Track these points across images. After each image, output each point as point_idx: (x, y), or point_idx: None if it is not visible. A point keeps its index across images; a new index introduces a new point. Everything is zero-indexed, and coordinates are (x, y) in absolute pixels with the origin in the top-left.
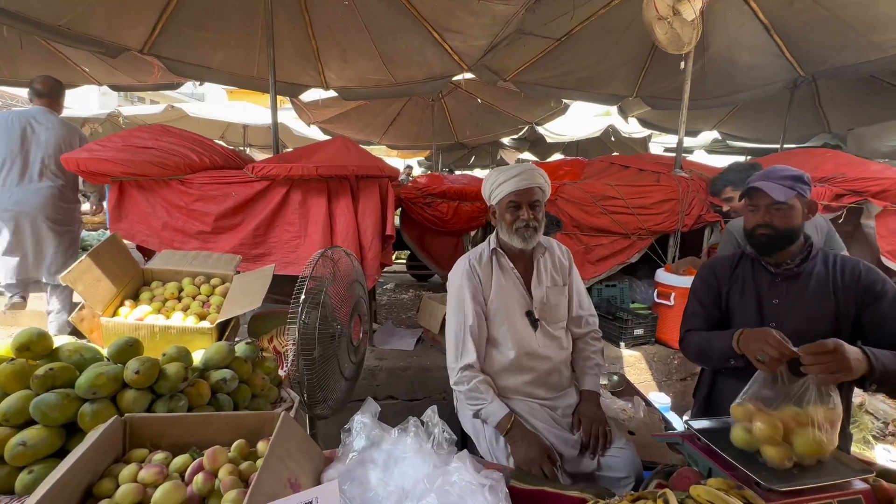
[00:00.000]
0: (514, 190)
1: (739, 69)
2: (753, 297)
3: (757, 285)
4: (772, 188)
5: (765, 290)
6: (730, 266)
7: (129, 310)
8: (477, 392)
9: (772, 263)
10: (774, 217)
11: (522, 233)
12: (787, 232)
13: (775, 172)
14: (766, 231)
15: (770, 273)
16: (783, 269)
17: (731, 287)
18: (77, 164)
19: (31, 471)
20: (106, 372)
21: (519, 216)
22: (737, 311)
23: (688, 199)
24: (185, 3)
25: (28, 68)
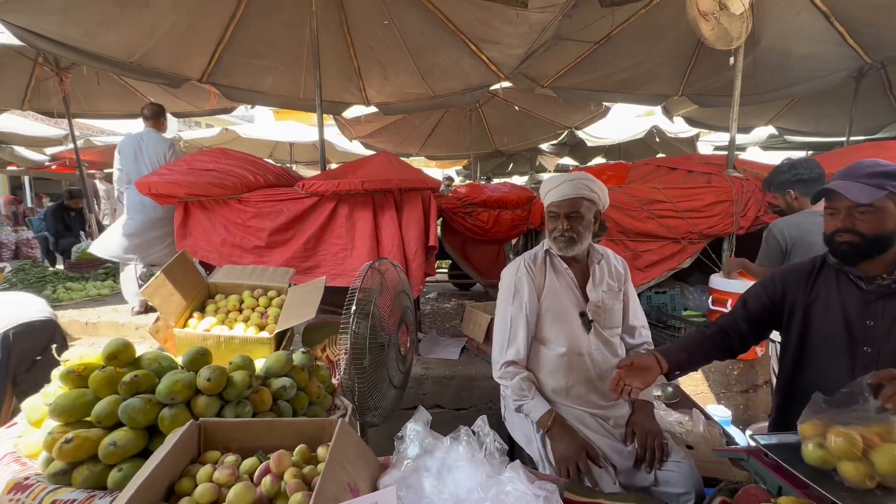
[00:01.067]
0: (553, 200)
1: (795, 60)
2: (841, 316)
3: (844, 303)
4: (850, 189)
5: (854, 308)
6: (806, 275)
7: (197, 321)
8: (520, 389)
9: (862, 278)
10: (858, 221)
11: (559, 242)
12: (875, 238)
13: (859, 169)
14: (849, 238)
15: (861, 290)
16: (877, 284)
17: (811, 300)
18: (149, 187)
19: (121, 469)
20: (182, 379)
21: (556, 226)
22: (817, 330)
23: (742, 199)
24: (238, 34)
25: (103, 102)
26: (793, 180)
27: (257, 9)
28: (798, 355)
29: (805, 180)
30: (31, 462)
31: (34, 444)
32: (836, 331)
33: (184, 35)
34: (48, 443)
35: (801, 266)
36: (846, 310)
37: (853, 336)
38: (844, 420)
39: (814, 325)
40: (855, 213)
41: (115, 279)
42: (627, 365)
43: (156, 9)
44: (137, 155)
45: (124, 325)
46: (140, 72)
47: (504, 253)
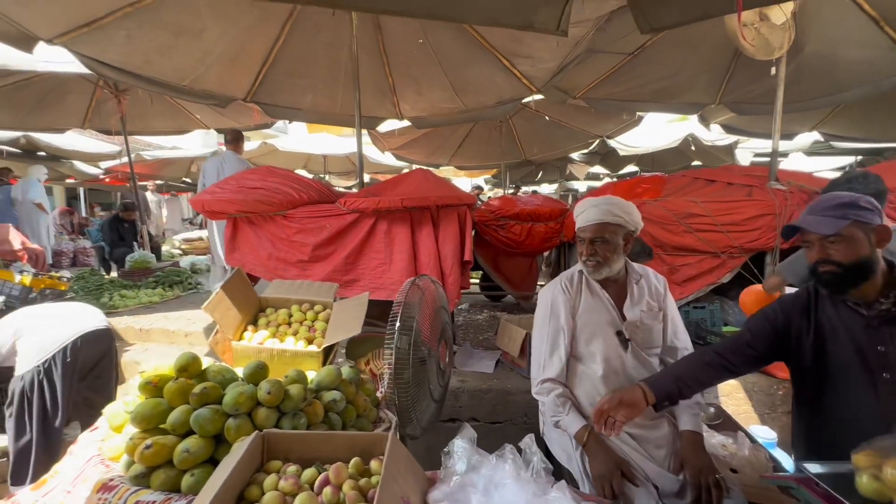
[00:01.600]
0: (580, 225)
1: (842, 66)
2: (850, 343)
3: (850, 330)
4: (815, 223)
5: (862, 335)
6: (804, 304)
7: (251, 334)
8: (555, 405)
9: (860, 304)
10: (832, 251)
11: (587, 266)
12: (853, 266)
13: (822, 202)
14: (829, 268)
15: (862, 316)
16: (878, 309)
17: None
18: (202, 204)
19: (193, 474)
20: (245, 391)
21: (583, 251)
22: (832, 360)
23: (786, 213)
24: (281, 55)
25: (155, 120)
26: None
27: (300, 32)
28: (817, 386)
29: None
30: (114, 464)
31: (116, 448)
32: (849, 359)
33: (232, 59)
34: (130, 448)
35: (798, 296)
36: (854, 337)
37: (868, 363)
38: None
39: (827, 356)
40: (826, 244)
41: (164, 287)
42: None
43: (208, 37)
44: (220, 173)
45: (175, 332)
46: (192, 93)
47: (537, 265)
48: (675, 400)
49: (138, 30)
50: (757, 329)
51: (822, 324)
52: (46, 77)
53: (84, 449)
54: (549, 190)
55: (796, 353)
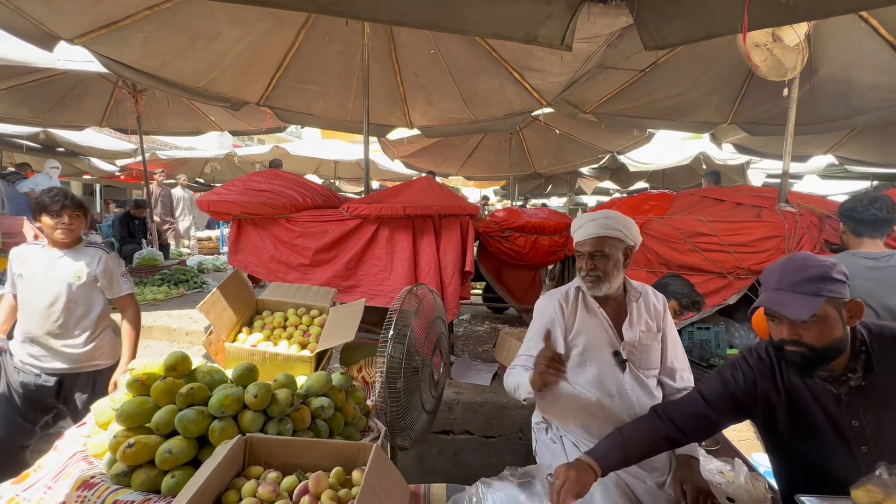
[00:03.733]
0: (578, 240)
1: (858, 90)
2: (824, 418)
3: (821, 403)
4: (787, 305)
5: (834, 410)
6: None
7: (245, 336)
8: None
9: (829, 379)
10: (804, 333)
11: (587, 280)
12: (825, 349)
13: (791, 275)
14: (798, 349)
15: (833, 393)
16: (847, 386)
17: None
18: (208, 205)
19: (174, 475)
20: (231, 394)
21: (582, 265)
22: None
23: (795, 236)
24: (295, 62)
25: (170, 120)
26: (847, 214)
27: (314, 39)
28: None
29: (856, 219)
30: (97, 461)
31: (100, 445)
32: (825, 432)
33: (246, 63)
34: (113, 445)
35: (760, 358)
36: (827, 411)
37: (845, 438)
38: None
39: (801, 425)
40: (798, 325)
41: (169, 285)
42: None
43: (224, 41)
44: None
45: (175, 330)
46: (206, 96)
47: (540, 278)
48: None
49: (156, 32)
50: (714, 396)
51: (791, 391)
52: (68, 75)
53: (69, 444)
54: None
55: (765, 415)
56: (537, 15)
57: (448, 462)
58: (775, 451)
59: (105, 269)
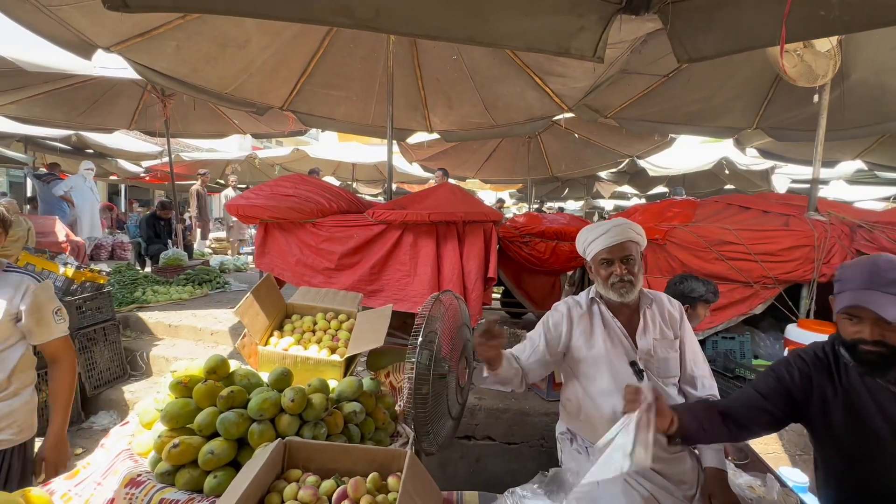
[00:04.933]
0: (605, 247)
1: (890, 95)
2: (882, 417)
3: (879, 403)
4: (879, 303)
5: (893, 410)
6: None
7: (277, 340)
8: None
9: (891, 381)
10: (887, 334)
11: (618, 288)
12: None
13: (883, 275)
14: (877, 349)
15: (891, 392)
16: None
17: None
18: (237, 209)
19: (216, 476)
20: (269, 398)
21: (612, 272)
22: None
23: (825, 245)
24: (319, 67)
25: (196, 124)
26: None
27: (338, 45)
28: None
29: None
30: (142, 460)
31: (145, 444)
32: (880, 434)
33: (273, 70)
34: (158, 445)
35: (817, 356)
36: (885, 411)
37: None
38: None
39: (855, 426)
40: (883, 325)
41: (193, 285)
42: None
43: (252, 49)
44: None
45: (201, 329)
46: (233, 101)
47: (560, 284)
48: (690, 442)
49: (188, 40)
50: (769, 391)
51: (849, 390)
52: (101, 80)
53: (115, 442)
54: (575, 207)
55: (821, 418)
56: (569, 28)
57: (469, 467)
58: (825, 457)
59: (32, 305)
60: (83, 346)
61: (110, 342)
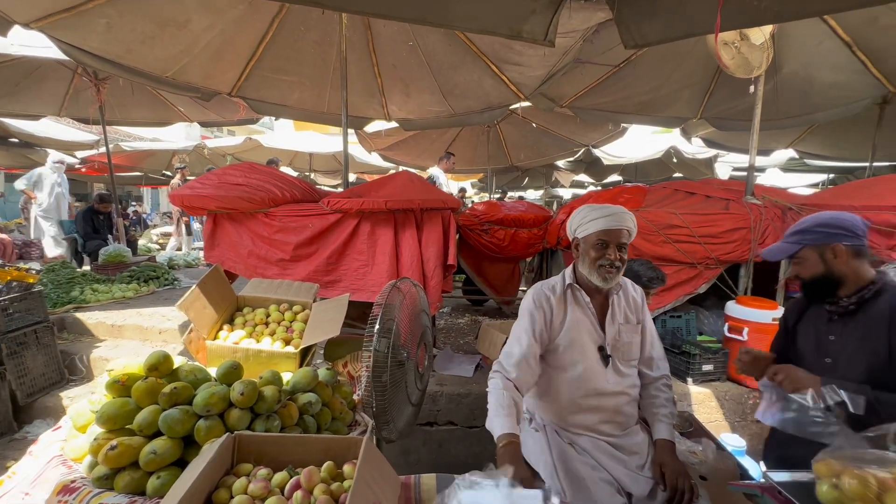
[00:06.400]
0: (605, 228)
1: (818, 88)
2: (814, 334)
3: (817, 323)
4: (773, 250)
5: (823, 327)
6: (801, 304)
7: (227, 333)
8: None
9: (829, 303)
10: (798, 270)
11: (605, 272)
12: (813, 281)
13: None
14: (796, 280)
15: (827, 311)
16: (838, 305)
17: (798, 324)
18: (181, 199)
19: (160, 476)
20: (217, 392)
21: (605, 254)
22: (801, 347)
23: (761, 227)
24: (269, 51)
25: (135, 111)
26: None
27: (288, 28)
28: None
29: None
30: (77, 465)
31: (79, 449)
32: (810, 347)
33: (217, 52)
34: (94, 448)
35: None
36: (816, 328)
37: (819, 349)
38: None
39: (798, 341)
40: (794, 263)
41: (138, 282)
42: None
43: (193, 29)
44: None
45: (147, 328)
46: (174, 85)
47: (519, 271)
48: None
49: (120, 18)
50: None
51: (806, 319)
52: (21, 61)
53: (45, 449)
54: (535, 196)
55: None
56: (521, 11)
57: (432, 453)
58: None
59: None
60: (12, 351)
61: (44, 346)
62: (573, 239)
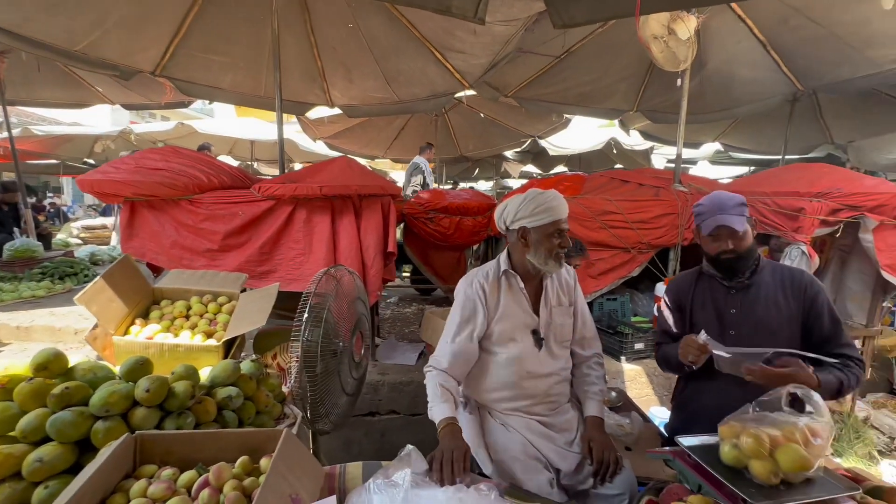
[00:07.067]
0: (561, 217)
1: (738, 84)
2: (713, 309)
3: (715, 299)
4: (733, 220)
5: (722, 302)
6: (689, 284)
7: (139, 328)
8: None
9: (726, 278)
10: (736, 244)
11: (560, 258)
12: (747, 254)
13: (727, 202)
14: (732, 256)
15: (725, 287)
16: (736, 282)
17: (693, 303)
18: (91, 185)
19: (47, 486)
20: (118, 390)
21: (561, 243)
22: (700, 324)
23: (686, 213)
24: (196, 28)
25: (44, 89)
26: None
27: (216, 4)
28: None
29: None
30: None
31: None
32: (711, 322)
33: (136, 26)
34: None
35: (685, 277)
36: (717, 305)
37: (723, 323)
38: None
39: (697, 321)
40: (734, 238)
41: (52, 280)
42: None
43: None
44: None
45: (61, 329)
46: (86, 61)
47: (465, 259)
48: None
49: None
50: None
51: (697, 295)
52: None
53: None
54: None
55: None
56: None
57: (375, 443)
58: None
59: None
60: None
61: None
62: (519, 228)
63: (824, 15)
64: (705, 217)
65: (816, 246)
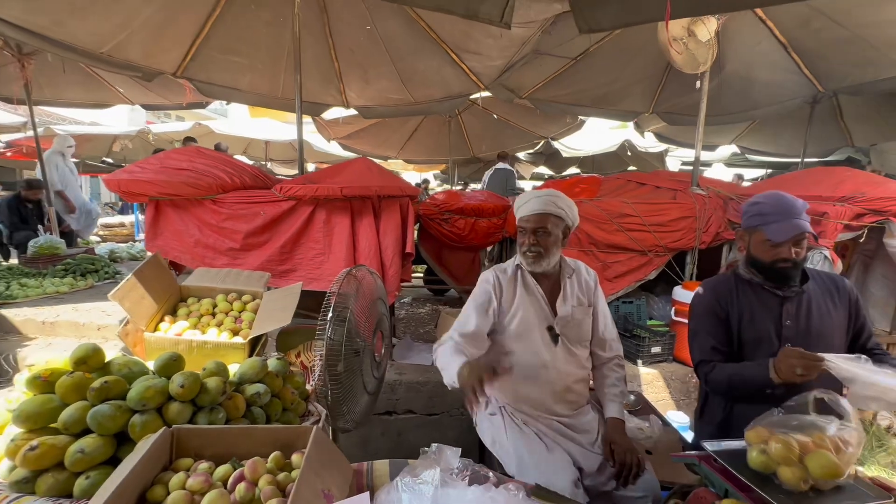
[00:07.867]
0: (523, 216)
1: (757, 86)
2: (768, 321)
3: (767, 310)
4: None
5: (776, 313)
6: (729, 291)
7: (168, 325)
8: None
9: (777, 287)
10: (799, 252)
11: (527, 257)
12: (804, 262)
13: (797, 206)
14: (788, 265)
15: (777, 296)
16: (789, 291)
17: (740, 314)
18: (118, 185)
19: (88, 476)
20: (154, 385)
21: (524, 241)
22: (751, 338)
23: (705, 216)
24: (217, 30)
25: (68, 90)
26: None
27: (238, 6)
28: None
29: None
30: None
31: None
32: (765, 334)
33: (159, 28)
34: (11, 450)
35: (721, 282)
36: (769, 314)
37: (780, 336)
38: (786, 428)
39: (745, 335)
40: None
41: (74, 276)
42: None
43: (130, 1)
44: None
45: (84, 325)
46: (111, 63)
47: (479, 260)
48: None
49: None
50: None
51: (744, 305)
52: None
53: None
54: None
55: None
56: None
57: (391, 442)
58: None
59: None
60: None
61: None
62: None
63: (848, 16)
64: (770, 220)
65: (838, 251)
